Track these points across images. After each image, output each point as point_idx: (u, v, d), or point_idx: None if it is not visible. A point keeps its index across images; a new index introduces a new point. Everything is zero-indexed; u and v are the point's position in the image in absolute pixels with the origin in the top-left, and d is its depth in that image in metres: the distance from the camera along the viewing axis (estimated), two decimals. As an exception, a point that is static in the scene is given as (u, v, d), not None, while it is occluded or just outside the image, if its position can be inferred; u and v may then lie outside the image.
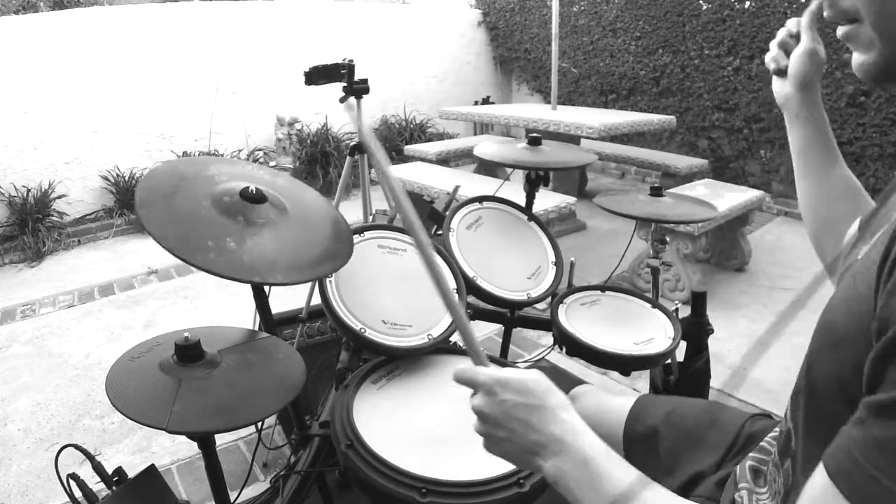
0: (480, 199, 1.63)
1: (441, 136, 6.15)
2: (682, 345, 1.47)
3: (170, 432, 0.81)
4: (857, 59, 0.50)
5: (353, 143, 2.08)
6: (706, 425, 0.91)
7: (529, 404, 0.59)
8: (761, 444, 0.74)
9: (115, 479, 1.01)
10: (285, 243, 1.00)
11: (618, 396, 1.06)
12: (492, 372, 0.61)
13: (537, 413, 0.58)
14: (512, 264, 1.51)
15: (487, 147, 1.75)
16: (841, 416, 0.45)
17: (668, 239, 1.73)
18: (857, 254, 0.56)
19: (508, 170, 2.03)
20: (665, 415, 0.95)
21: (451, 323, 1.21)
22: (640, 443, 0.95)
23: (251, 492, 1.72)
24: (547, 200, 3.20)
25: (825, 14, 0.51)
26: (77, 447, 1.03)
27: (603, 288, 1.56)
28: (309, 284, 1.85)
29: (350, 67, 1.88)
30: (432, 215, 1.63)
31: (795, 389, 0.59)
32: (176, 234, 0.93)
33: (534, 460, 0.58)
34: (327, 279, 1.16)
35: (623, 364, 1.30)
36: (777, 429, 0.74)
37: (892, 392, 0.37)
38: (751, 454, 0.73)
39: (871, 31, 0.48)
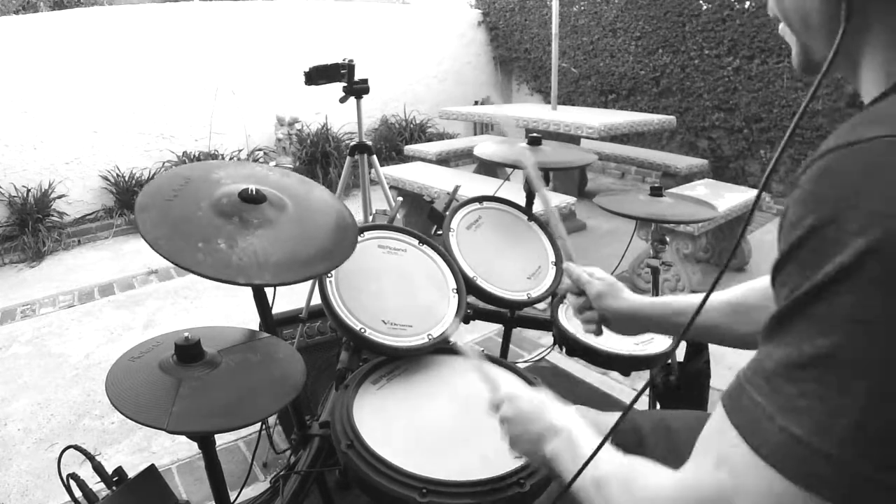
0: (480, 199, 1.63)
1: (441, 136, 6.15)
2: (682, 345, 1.47)
3: (170, 432, 0.81)
4: (792, 53, 0.57)
5: (353, 143, 2.08)
6: (694, 433, 0.93)
7: (537, 407, 0.75)
8: None
9: (115, 479, 1.01)
10: (279, 242, 0.99)
11: (608, 414, 1.09)
12: (508, 390, 0.81)
13: (540, 413, 0.74)
14: (512, 264, 1.51)
15: (487, 147, 1.75)
16: None
17: (668, 239, 1.73)
18: None
19: (508, 170, 2.03)
20: (653, 424, 0.97)
21: (451, 322, 1.21)
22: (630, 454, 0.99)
23: (251, 492, 1.72)
24: (547, 200, 3.19)
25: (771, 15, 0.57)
26: (77, 448, 1.03)
27: (603, 288, 1.56)
28: (309, 284, 1.85)
29: (350, 67, 1.88)
30: (432, 215, 1.63)
31: None
32: (166, 236, 0.93)
33: (540, 447, 0.71)
34: (327, 279, 1.16)
35: (623, 364, 1.30)
36: None
37: (771, 321, 0.41)
38: None
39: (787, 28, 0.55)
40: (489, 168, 4.58)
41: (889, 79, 0.46)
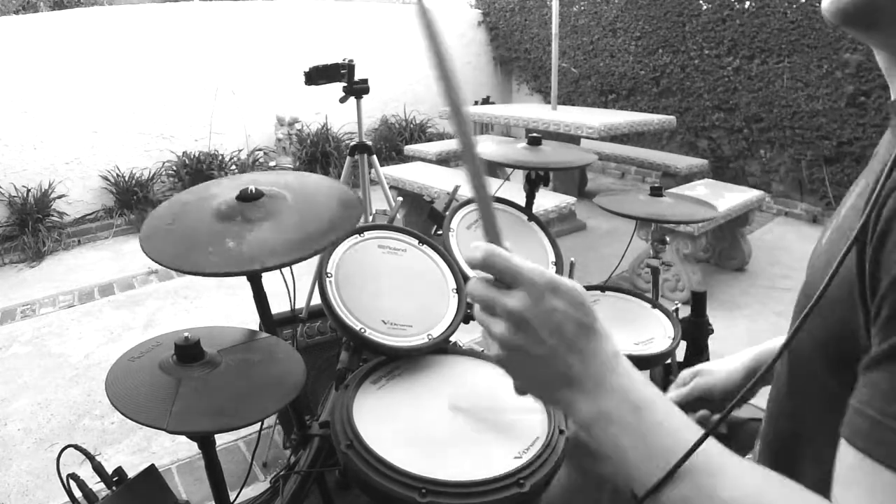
0: (480, 199, 1.62)
1: (441, 136, 6.15)
2: (682, 345, 1.47)
3: (170, 432, 0.81)
4: None
5: (353, 143, 2.08)
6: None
7: (581, 321, 0.45)
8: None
9: (115, 479, 1.01)
10: (286, 227, 1.02)
11: None
12: (538, 268, 0.47)
13: (587, 334, 0.45)
14: (512, 264, 1.51)
15: (487, 147, 1.75)
16: (820, 379, 0.49)
17: (668, 239, 1.74)
18: (827, 232, 0.56)
19: (508, 170, 2.03)
20: None
21: (451, 323, 1.20)
22: None
23: (251, 492, 1.72)
24: (547, 200, 3.20)
25: None
26: (77, 447, 1.03)
27: (603, 288, 1.56)
28: (309, 284, 1.85)
29: (350, 67, 1.88)
30: (432, 215, 1.63)
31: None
32: (177, 253, 0.96)
33: (566, 394, 0.45)
34: (327, 279, 1.16)
35: (623, 364, 1.30)
36: None
37: (889, 340, 0.37)
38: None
39: None
40: (489, 168, 4.58)
41: None
